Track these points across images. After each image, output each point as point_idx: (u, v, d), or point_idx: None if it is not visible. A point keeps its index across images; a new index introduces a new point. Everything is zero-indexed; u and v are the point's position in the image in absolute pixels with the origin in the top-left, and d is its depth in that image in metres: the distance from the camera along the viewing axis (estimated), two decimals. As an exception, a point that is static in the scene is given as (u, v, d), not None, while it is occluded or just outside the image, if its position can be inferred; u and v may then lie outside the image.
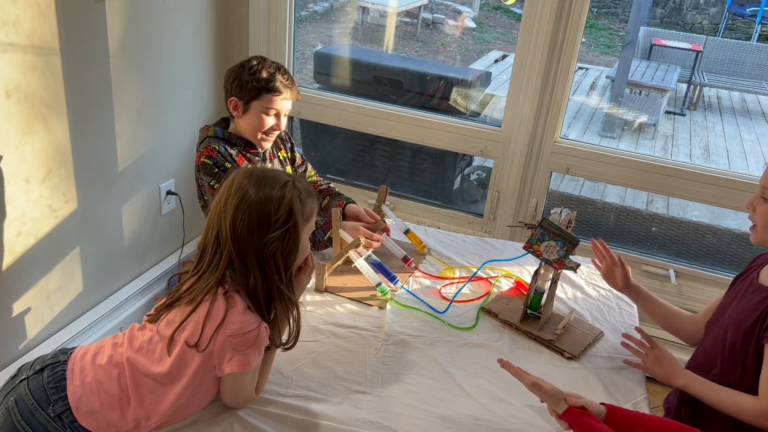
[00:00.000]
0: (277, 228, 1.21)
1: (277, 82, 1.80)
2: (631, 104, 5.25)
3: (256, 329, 1.21)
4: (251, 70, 1.80)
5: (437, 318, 1.68)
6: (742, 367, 1.41)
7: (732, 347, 1.43)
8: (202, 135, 1.90)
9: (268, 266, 1.23)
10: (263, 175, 1.26)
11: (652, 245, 2.95)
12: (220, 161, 1.80)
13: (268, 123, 1.83)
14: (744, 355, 1.40)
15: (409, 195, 3.07)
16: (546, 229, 1.61)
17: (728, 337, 1.44)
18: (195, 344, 1.19)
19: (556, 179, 3.15)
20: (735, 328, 1.43)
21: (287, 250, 1.24)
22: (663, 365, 1.48)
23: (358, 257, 1.72)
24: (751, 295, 1.45)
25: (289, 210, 1.22)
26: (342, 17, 4.58)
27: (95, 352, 1.28)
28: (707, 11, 7.12)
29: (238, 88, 1.82)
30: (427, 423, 1.33)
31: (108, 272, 2.36)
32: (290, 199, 1.22)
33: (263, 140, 1.88)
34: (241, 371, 1.21)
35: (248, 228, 1.21)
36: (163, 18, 2.35)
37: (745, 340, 1.40)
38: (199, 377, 1.22)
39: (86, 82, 2.05)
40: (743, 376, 1.41)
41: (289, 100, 1.86)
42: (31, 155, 1.90)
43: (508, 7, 6.13)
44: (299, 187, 1.26)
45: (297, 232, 1.24)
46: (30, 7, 1.80)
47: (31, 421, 1.19)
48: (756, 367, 1.38)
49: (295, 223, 1.23)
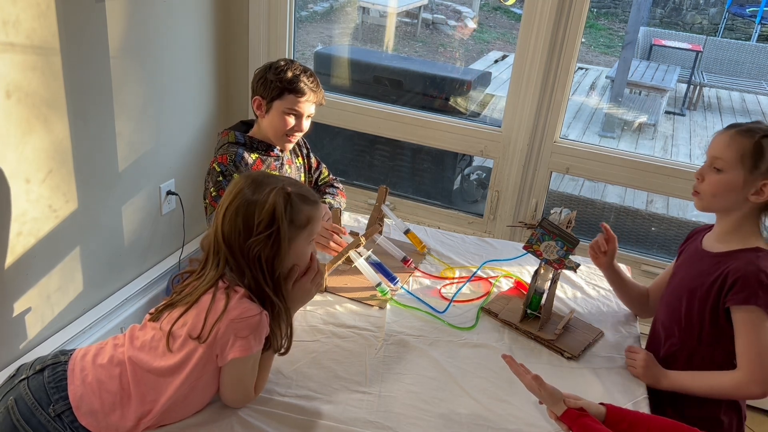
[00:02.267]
0: (259, 232, 1.22)
1: (301, 84, 1.80)
2: (631, 104, 5.25)
3: (258, 315, 1.22)
4: (277, 70, 1.81)
5: (437, 318, 1.68)
6: (699, 332, 1.47)
7: (688, 314, 1.48)
8: (222, 140, 1.89)
9: (254, 269, 1.24)
10: (257, 179, 1.27)
11: (652, 245, 2.96)
12: (230, 171, 1.79)
13: (290, 124, 1.83)
14: (701, 321, 1.46)
15: (409, 195, 3.07)
16: (546, 229, 1.61)
17: (683, 306, 1.49)
18: (198, 335, 1.20)
19: (556, 179, 3.16)
20: (689, 295, 1.48)
21: (271, 255, 1.24)
22: (652, 370, 1.50)
23: (358, 257, 1.72)
24: (699, 261, 1.50)
25: (272, 214, 1.22)
26: (342, 17, 4.58)
27: (96, 352, 1.29)
28: (707, 11, 7.13)
29: (263, 87, 1.82)
30: (427, 423, 1.33)
31: (108, 272, 2.36)
32: (273, 203, 1.23)
33: (285, 141, 1.88)
34: (243, 356, 1.22)
35: (234, 230, 1.24)
36: (163, 18, 2.35)
37: (701, 306, 1.45)
38: (200, 369, 1.22)
39: (86, 82, 2.05)
40: (700, 341, 1.48)
41: (312, 103, 1.86)
42: (31, 155, 1.90)
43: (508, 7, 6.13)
44: (292, 192, 1.26)
45: (281, 238, 1.24)
46: (30, 7, 1.80)
47: (31, 421, 1.20)
48: (713, 331, 1.44)
49: (278, 228, 1.23)
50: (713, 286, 1.42)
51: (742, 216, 1.43)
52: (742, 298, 1.37)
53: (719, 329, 1.44)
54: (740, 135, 1.40)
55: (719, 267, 1.43)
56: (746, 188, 1.39)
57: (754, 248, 1.42)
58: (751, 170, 1.38)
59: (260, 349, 1.27)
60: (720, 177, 1.41)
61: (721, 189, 1.42)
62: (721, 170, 1.41)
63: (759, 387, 1.37)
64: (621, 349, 1.61)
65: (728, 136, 1.42)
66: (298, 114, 1.84)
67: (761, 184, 1.38)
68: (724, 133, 1.43)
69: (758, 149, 1.37)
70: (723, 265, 1.42)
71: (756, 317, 1.36)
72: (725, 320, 1.42)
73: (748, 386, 1.37)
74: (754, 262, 1.38)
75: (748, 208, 1.42)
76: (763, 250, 1.42)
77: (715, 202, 1.45)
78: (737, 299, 1.37)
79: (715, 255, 1.47)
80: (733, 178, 1.39)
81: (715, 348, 1.47)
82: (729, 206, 1.44)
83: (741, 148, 1.38)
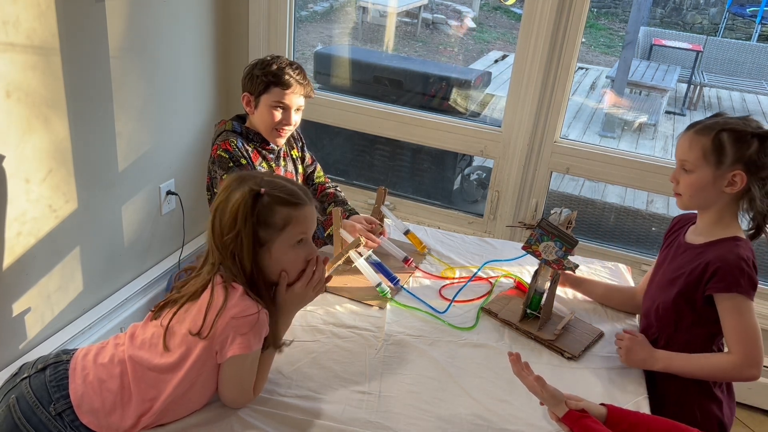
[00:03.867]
0: (228, 231, 1.22)
1: (286, 76, 1.80)
2: (631, 104, 5.25)
3: (257, 313, 1.22)
4: (263, 65, 1.82)
5: (437, 318, 1.68)
6: (675, 319, 1.51)
7: (665, 303, 1.52)
8: (219, 128, 1.90)
9: (234, 267, 1.24)
10: (241, 177, 1.27)
11: (652, 245, 2.95)
12: (236, 156, 1.80)
13: (277, 117, 1.84)
14: (678, 308, 1.50)
15: (409, 195, 3.06)
16: (545, 229, 1.61)
17: (662, 296, 1.54)
18: (198, 332, 1.20)
19: (556, 179, 3.16)
20: (669, 285, 1.52)
21: (243, 254, 1.23)
22: (637, 353, 1.52)
23: (358, 257, 1.72)
24: (681, 255, 1.54)
25: (235, 215, 1.22)
26: (342, 17, 4.58)
27: (97, 351, 1.29)
28: (707, 11, 7.12)
29: (250, 83, 1.83)
30: (427, 423, 1.33)
31: (108, 272, 2.36)
32: (238, 204, 1.21)
33: (276, 136, 1.88)
34: (243, 353, 1.21)
35: (215, 228, 1.25)
36: (163, 18, 2.35)
37: (679, 294, 1.48)
38: (199, 366, 1.22)
39: (86, 81, 2.05)
40: (677, 329, 1.52)
41: (299, 95, 1.85)
42: (31, 155, 1.90)
43: (508, 7, 6.13)
44: (266, 193, 1.24)
45: (244, 237, 1.22)
46: (30, 7, 1.80)
47: (32, 419, 1.20)
48: (691, 318, 1.49)
49: (240, 230, 1.21)
50: (692, 275, 1.46)
51: (720, 208, 1.47)
52: (723, 286, 1.40)
53: (697, 316, 1.48)
54: (698, 134, 1.44)
55: (699, 257, 1.47)
56: (718, 183, 1.43)
57: (732, 237, 1.45)
58: (717, 165, 1.41)
59: (259, 348, 1.26)
60: (691, 177, 1.45)
61: (695, 188, 1.46)
62: (690, 171, 1.45)
63: (752, 369, 1.42)
64: (621, 349, 1.61)
65: (688, 137, 1.46)
66: (285, 107, 1.84)
67: (731, 175, 1.41)
68: (685, 134, 1.47)
69: (717, 144, 1.41)
70: (703, 255, 1.46)
71: (740, 303, 1.40)
72: (703, 307, 1.46)
73: (742, 369, 1.42)
74: (734, 250, 1.42)
75: (727, 199, 1.45)
76: (742, 239, 1.46)
77: (694, 200, 1.49)
78: (719, 287, 1.41)
79: (696, 246, 1.51)
80: (703, 177, 1.43)
81: (690, 334, 1.50)
82: (709, 202, 1.47)
83: (701, 147, 1.42)
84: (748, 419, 2.41)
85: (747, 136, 1.40)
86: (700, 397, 1.53)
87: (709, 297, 1.44)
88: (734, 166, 1.40)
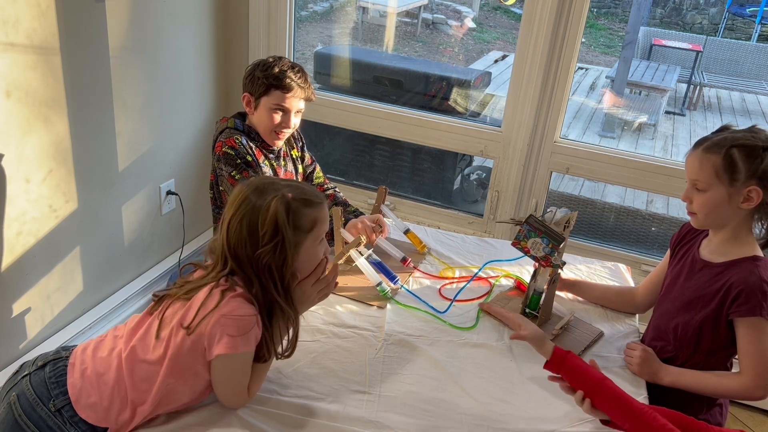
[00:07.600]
0: (265, 243, 1.22)
1: (287, 79, 1.80)
2: (631, 104, 5.25)
3: (250, 317, 1.22)
4: (264, 66, 1.82)
5: (437, 318, 1.68)
6: (696, 342, 1.49)
7: (686, 325, 1.50)
8: (221, 125, 1.90)
9: (264, 278, 1.24)
10: (260, 186, 1.27)
11: (652, 245, 2.95)
12: (243, 153, 1.80)
13: (277, 120, 1.84)
14: (700, 331, 1.48)
15: (409, 195, 3.07)
16: (532, 225, 1.61)
17: (681, 316, 1.51)
18: (187, 326, 1.20)
19: (556, 179, 3.16)
20: (688, 306, 1.50)
21: (279, 263, 1.24)
22: (649, 365, 1.51)
23: (359, 256, 1.72)
24: (699, 272, 1.51)
25: (275, 225, 1.22)
26: (342, 17, 4.58)
27: (95, 345, 1.31)
28: (707, 11, 7.12)
29: (251, 84, 1.84)
30: (427, 423, 1.33)
31: (108, 272, 2.36)
32: (275, 212, 1.21)
33: (275, 138, 1.89)
34: (229, 353, 1.21)
35: (240, 239, 1.23)
36: (163, 18, 2.35)
37: (701, 317, 1.46)
38: (188, 360, 1.22)
39: (86, 81, 2.05)
40: (697, 350, 1.50)
41: (300, 98, 1.85)
42: (31, 155, 1.90)
43: (508, 7, 6.13)
44: (293, 198, 1.25)
45: (287, 245, 1.23)
46: (30, 7, 1.80)
47: (32, 416, 1.21)
48: (713, 341, 1.47)
49: (283, 238, 1.22)
50: (715, 298, 1.43)
51: (737, 225, 1.44)
52: (746, 310, 1.38)
53: (719, 339, 1.46)
54: (708, 152, 1.40)
55: (720, 278, 1.44)
56: (733, 200, 1.39)
57: (752, 257, 1.43)
58: (731, 183, 1.38)
59: (248, 352, 1.25)
60: (705, 197, 1.42)
61: (710, 207, 1.42)
62: (703, 190, 1.42)
63: (760, 391, 1.41)
64: (620, 349, 1.61)
65: (698, 156, 1.42)
66: (285, 110, 1.84)
67: (746, 190, 1.38)
68: (694, 153, 1.43)
69: (729, 162, 1.37)
70: (724, 276, 1.44)
71: (761, 327, 1.38)
72: (726, 330, 1.44)
73: (753, 391, 1.41)
74: (755, 272, 1.40)
75: (743, 215, 1.43)
76: (761, 258, 1.43)
77: (710, 219, 1.46)
78: (742, 311, 1.39)
79: (715, 266, 1.48)
80: (717, 195, 1.40)
81: (709, 355, 1.49)
82: (725, 219, 1.44)
83: (713, 165, 1.39)
84: (748, 419, 2.41)
85: (758, 150, 1.36)
86: (703, 403, 1.52)
87: (731, 321, 1.43)
88: (748, 182, 1.37)
